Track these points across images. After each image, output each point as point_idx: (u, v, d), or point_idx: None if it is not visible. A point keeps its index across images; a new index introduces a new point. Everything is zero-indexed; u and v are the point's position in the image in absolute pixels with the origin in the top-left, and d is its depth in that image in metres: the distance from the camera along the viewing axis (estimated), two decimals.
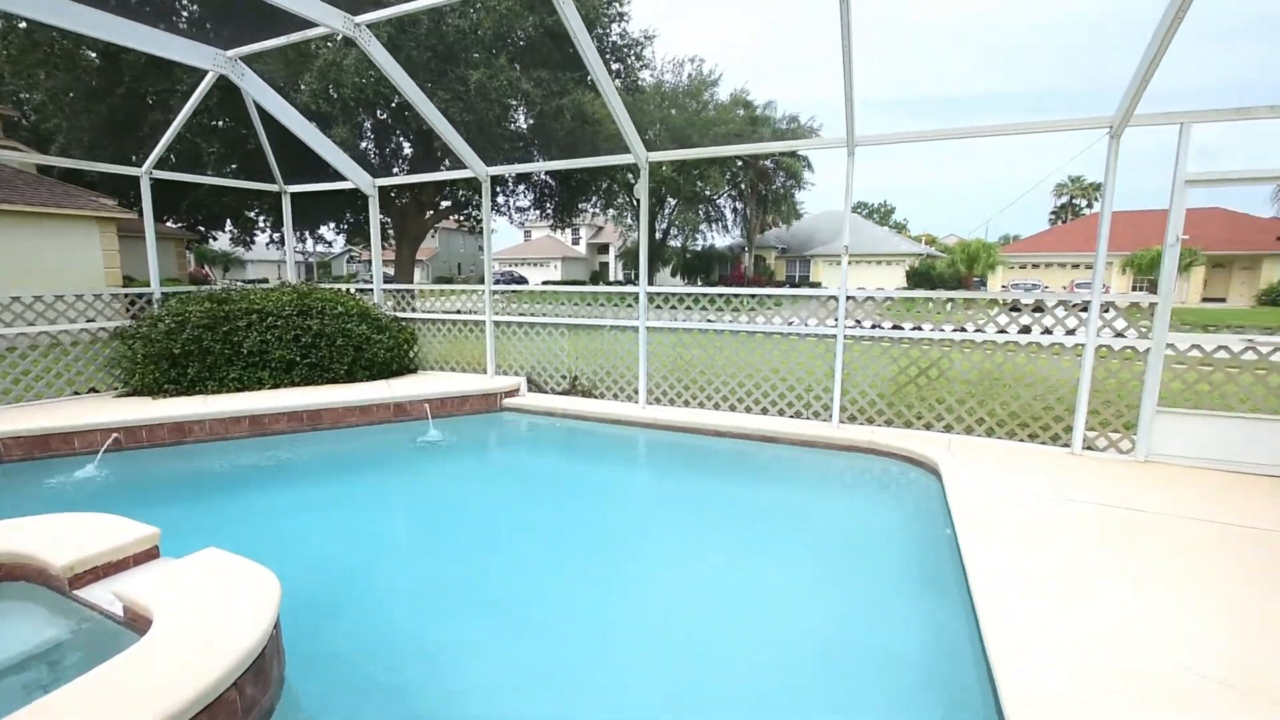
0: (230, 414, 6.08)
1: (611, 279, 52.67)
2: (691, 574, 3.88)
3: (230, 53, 6.80)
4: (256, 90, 7.24)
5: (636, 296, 7.00)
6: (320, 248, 26.44)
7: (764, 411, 6.67)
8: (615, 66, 17.91)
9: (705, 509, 5.07)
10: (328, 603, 3.30)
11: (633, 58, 18.97)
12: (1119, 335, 5.23)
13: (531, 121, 16.69)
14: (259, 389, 6.91)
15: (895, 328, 6.21)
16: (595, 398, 7.55)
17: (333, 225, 22.91)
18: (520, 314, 7.99)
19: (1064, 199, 61.42)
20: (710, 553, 4.21)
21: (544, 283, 43.59)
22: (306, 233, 22.33)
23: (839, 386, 6.18)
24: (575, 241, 54.69)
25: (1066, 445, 5.43)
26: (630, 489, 5.71)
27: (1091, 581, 3.09)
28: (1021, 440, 5.64)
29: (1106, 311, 5.32)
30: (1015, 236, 49.86)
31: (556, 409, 7.23)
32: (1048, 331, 5.51)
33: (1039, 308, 5.69)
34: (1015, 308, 5.81)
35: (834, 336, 6.15)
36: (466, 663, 2.87)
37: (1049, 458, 5.24)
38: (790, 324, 6.48)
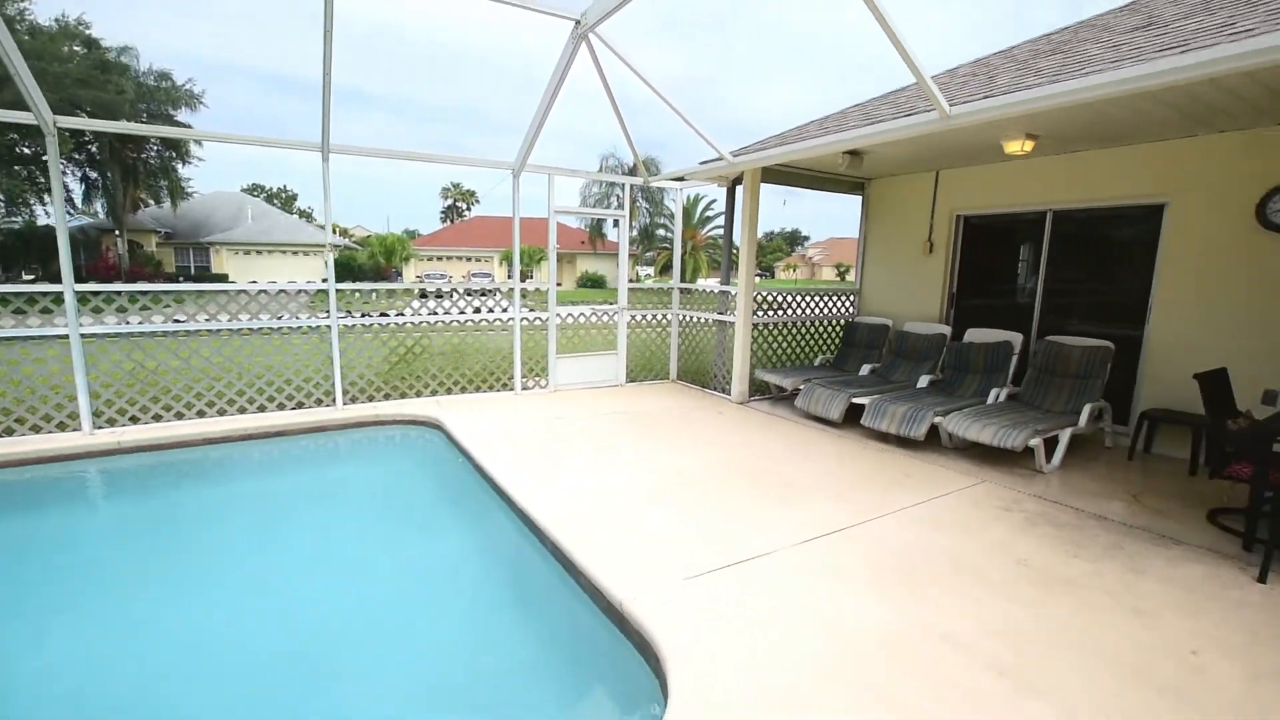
0: None
1: None
2: (225, 588, 3.66)
3: None
4: None
5: (58, 296, 5.57)
6: None
7: (261, 409, 6.58)
8: None
9: (219, 521, 4.69)
10: None
11: None
12: (532, 310, 7.87)
13: None
14: None
15: (382, 315, 7.26)
16: (2, 435, 5.58)
17: None
18: None
19: (450, 201, 73.00)
20: (257, 555, 4.11)
21: None
22: None
23: (339, 372, 6.79)
24: None
25: (512, 389, 7.80)
26: (99, 535, 4.57)
27: (559, 458, 5.20)
28: (486, 391, 7.72)
29: (524, 296, 7.87)
30: (417, 231, 55.91)
31: None
32: (490, 311, 7.69)
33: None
34: (484, 292, 7.75)
35: (329, 327, 6.69)
36: None
37: (505, 399, 7.48)
38: (280, 318, 6.58)
